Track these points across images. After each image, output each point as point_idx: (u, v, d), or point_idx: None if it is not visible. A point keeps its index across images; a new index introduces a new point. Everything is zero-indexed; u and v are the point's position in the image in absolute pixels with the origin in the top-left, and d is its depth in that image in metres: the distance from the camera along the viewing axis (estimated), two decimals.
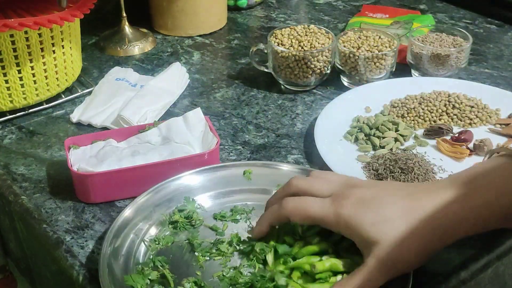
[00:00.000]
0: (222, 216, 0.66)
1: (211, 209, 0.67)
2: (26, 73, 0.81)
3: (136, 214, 0.63)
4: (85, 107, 0.86)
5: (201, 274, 0.59)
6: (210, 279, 0.58)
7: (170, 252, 0.62)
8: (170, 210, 0.66)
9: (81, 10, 0.83)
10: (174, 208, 0.66)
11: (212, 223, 0.65)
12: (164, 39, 1.09)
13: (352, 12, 1.17)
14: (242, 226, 0.65)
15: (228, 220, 0.65)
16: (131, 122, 0.80)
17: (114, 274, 0.57)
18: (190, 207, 0.66)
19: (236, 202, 0.68)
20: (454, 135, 0.79)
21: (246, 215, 0.66)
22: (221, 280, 0.58)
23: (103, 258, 0.57)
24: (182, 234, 0.64)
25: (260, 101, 0.90)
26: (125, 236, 0.61)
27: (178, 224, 0.64)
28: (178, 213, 0.65)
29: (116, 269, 0.58)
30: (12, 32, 0.77)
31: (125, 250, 0.60)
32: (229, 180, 0.69)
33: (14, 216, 0.72)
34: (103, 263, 0.57)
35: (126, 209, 0.63)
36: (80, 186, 0.69)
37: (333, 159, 0.73)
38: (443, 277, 0.59)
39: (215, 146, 0.71)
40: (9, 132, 0.83)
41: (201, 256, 0.61)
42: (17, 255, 0.83)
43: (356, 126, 0.81)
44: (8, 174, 0.74)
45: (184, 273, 0.59)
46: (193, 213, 0.65)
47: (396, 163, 0.72)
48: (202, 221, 0.65)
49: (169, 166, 0.68)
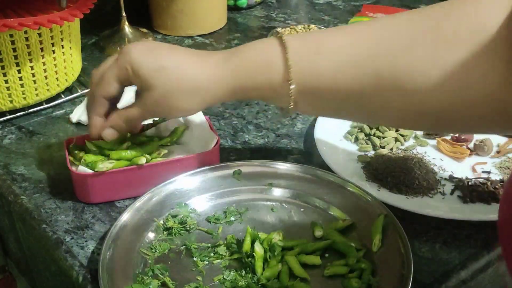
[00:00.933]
0: (216, 218, 0.66)
1: (204, 212, 0.67)
2: (25, 73, 0.81)
3: (132, 219, 0.63)
4: (85, 107, 0.86)
5: (202, 279, 0.59)
6: (211, 283, 0.58)
7: (168, 259, 0.61)
8: (163, 216, 0.65)
9: (81, 10, 0.83)
10: (167, 214, 0.65)
11: (207, 227, 0.65)
12: (164, 39, 1.09)
13: (352, 12, 1.17)
14: (237, 227, 0.65)
15: (223, 223, 0.65)
16: None
17: (114, 281, 0.56)
18: (183, 212, 0.66)
19: (228, 203, 0.67)
20: (454, 135, 0.79)
21: (240, 216, 0.66)
22: (222, 283, 0.58)
23: (103, 263, 0.57)
24: (177, 240, 0.63)
25: (260, 101, 0.90)
26: (122, 243, 0.61)
27: (173, 230, 0.64)
28: (171, 219, 0.65)
29: (116, 276, 0.57)
30: (12, 32, 0.77)
31: (123, 258, 0.60)
32: (220, 181, 0.69)
33: (14, 216, 0.72)
34: (103, 269, 0.56)
35: (124, 214, 0.63)
36: (80, 186, 0.69)
37: (333, 159, 0.73)
38: (443, 277, 0.59)
39: (215, 146, 0.71)
40: (9, 132, 0.83)
41: (200, 260, 0.61)
42: (17, 255, 0.83)
43: (356, 126, 0.81)
44: (8, 174, 0.74)
45: (184, 279, 0.59)
46: (187, 217, 0.65)
47: (396, 163, 0.72)
48: (196, 225, 0.65)
49: (169, 166, 0.68)
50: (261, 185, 0.69)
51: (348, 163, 0.74)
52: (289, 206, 0.67)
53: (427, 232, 0.65)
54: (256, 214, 0.66)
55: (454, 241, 0.64)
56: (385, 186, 0.70)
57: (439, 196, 0.69)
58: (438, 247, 0.63)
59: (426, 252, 0.62)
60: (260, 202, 0.68)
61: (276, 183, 0.69)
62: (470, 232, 0.65)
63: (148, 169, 0.68)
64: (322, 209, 0.66)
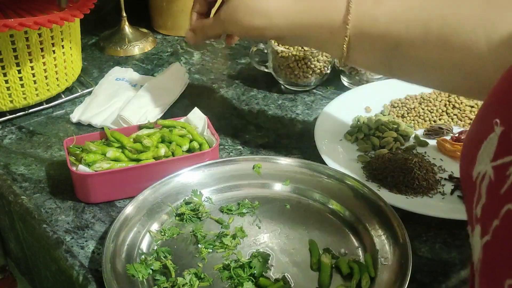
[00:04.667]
0: (229, 209, 0.67)
1: (219, 203, 0.68)
2: (26, 73, 0.81)
3: (143, 206, 0.64)
4: (85, 107, 0.86)
5: (203, 266, 0.60)
6: (211, 271, 0.59)
7: (174, 243, 0.63)
8: (177, 203, 0.67)
9: (81, 10, 0.83)
10: (182, 200, 0.67)
11: (218, 216, 0.66)
12: (164, 39, 1.09)
13: None
14: (248, 219, 0.66)
15: (235, 214, 0.66)
16: (131, 122, 0.80)
17: (116, 269, 0.57)
18: (197, 200, 0.67)
19: (243, 196, 0.69)
20: (454, 135, 0.79)
21: (253, 209, 0.67)
22: (221, 272, 0.59)
23: (108, 248, 0.58)
24: (188, 226, 0.65)
25: (260, 101, 0.90)
26: (131, 227, 0.62)
27: (184, 216, 0.65)
28: (185, 206, 0.66)
29: (120, 261, 0.58)
30: (12, 32, 0.77)
31: (130, 240, 0.61)
32: (238, 174, 0.70)
33: (14, 216, 0.72)
34: (107, 252, 0.58)
35: (133, 202, 0.64)
36: (80, 186, 0.69)
37: (333, 159, 0.73)
38: (443, 277, 0.60)
39: (214, 145, 0.71)
40: (9, 132, 0.83)
41: (205, 248, 0.62)
42: (17, 255, 0.83)
43: (356, 126, 0.81)
44: (8, 174, 0.74)
45: (186, 264, 0.60)
46: (200, 206, 0.66)
47: (396, 163, 0.72)
48: (208, 213, 0.66)
49: (169, 165, 0.68)
50: (278, 181, 0.70)
51: (348, 163, 0.74)
52: (304, 204, 0.68)
53: (427, 232, 0.65)
54: (269, 209, 0.67)
55: (454, 241, 0.64)
56: (385, 186, 0.70)
57: (439, 196, 0.69)
58: (438, 247, 0.63)
59: (426, 252, 0.62)
60: (275, 197, 0.69)
61: (293, 180, 0.69)
62: None
63: (148, 168, 0.68)
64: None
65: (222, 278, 0.58)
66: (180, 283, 0.57)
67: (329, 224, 0.65)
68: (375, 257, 0.59)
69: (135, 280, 0.57)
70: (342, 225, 0.64)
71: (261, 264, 0.59)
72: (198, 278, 0.58)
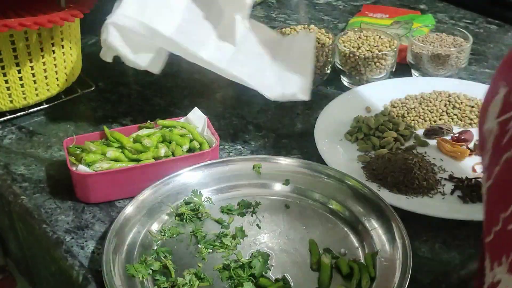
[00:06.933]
0: (229, 209, 0.67)
1: (218, 203, 0.68)
2: (26, 73, 0.81)
3: (143, 206, 0.65)
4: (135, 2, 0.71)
5: (203, 266, 0.60)
6: (211, 271, 0.59)
7: (174, 244, 0.63)
8: (177, 203, 0.67)
9: (81, 10, 0.83)
10: (182, 200, 0.67)
11: (218, 216, 0.66)
12: None
13: (352, 12, 1.17)
14: (248, 219, 0.66)
15: (235, 214, 0.66)
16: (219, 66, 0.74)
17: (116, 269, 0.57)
18: (197, 200, 0.67)
19: (243, 196, 0.68)
20: (454, 135, 0.79)
21: (253, 209, 0.67)
22: (221, 272, 0.59)
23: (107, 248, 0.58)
24: (188, 227, 0.65)
25: (260, 101, 0.90)
26: (131, 227, 0.62)
27: (184, 217, 0.65)
28: (185, 206, 0.66)
29: (120, 261, 0.59)
30: (12, 32, 0.77)
31: (130, 240, 0.61)
32: (238, 174, 0.70)
33: (14, 216, 0.72)
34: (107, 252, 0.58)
35: (133, 202, 0.64)
36: (80, 186, 0.69)
37: (333, 159, 0.73)
38: (443, 277, 0.59)
39: (214, 145, 0.71)
40: (9, 132, 0.83)
41: (204, 248, 0.62)
42: (17, 255, 0.83)
43: (356, 126, 0.81)
44: (8, 174, 0.74)
45: (186, 264, 0.60)
46: (200, 206, 0.66)
47: (396, 163, 0.72)
48: (208, 214, 0.66)
49: (169, 165, 0.68)
50: (278, 181, 0.69)
51: (348, 163, 0.74)
52: (304, 204, 0.68)
53: (427, 232, 0.65)
54: (269, 209, 0.67)
55: (454, 241, 0.64)
56: (385, 186, 0.70)
57: (439, 196, 0.69)
58: (438, 247, 0.63)
59: (426, 252, 0.62)
60: (275, 197, 0.69)
61: (293, 180, 0.69)
62: (470, 232, 0.65)
63: (148, 168, 0.68)
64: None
65: (222, 278, 0.58)
66: (180, 283, 0.57)
67: (329, 224, 0.65)
68: (375, 257, 0.59)
69: (135, 280, 0.57)
70: (342, 225, 0.64)
71: (261, 264, 0.59)
72: (198, 278, 0.58)
